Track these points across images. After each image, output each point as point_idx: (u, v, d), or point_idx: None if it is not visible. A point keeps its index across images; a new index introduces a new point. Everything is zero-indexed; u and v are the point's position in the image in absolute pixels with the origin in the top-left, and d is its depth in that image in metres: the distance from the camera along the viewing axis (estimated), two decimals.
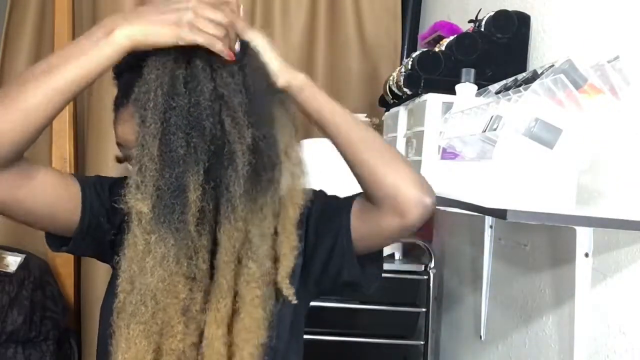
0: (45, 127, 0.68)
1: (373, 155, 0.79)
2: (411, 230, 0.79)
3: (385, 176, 0.77)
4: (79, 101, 1.91)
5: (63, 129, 1.81)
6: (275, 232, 0.78)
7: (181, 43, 0.68)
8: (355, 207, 0.82)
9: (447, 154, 1.01)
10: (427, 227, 1.83)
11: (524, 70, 1.20)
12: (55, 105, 0.67)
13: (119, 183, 0.78)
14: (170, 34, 0.68)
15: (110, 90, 0.79)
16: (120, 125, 0.81)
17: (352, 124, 0.80)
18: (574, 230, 0.89)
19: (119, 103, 0.82)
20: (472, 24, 1.32)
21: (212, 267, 0.74)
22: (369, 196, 0.80)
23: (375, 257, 0.86)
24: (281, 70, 0.77)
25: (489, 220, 1.27)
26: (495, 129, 0.77)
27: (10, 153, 0.67)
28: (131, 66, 0.74)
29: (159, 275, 0.69)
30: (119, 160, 0.84)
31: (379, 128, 1.71)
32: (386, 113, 1.57)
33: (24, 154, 0.70)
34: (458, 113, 1.00)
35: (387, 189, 0.77)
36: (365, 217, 0.81)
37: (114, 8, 1.87)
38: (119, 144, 0.82)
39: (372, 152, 0.79)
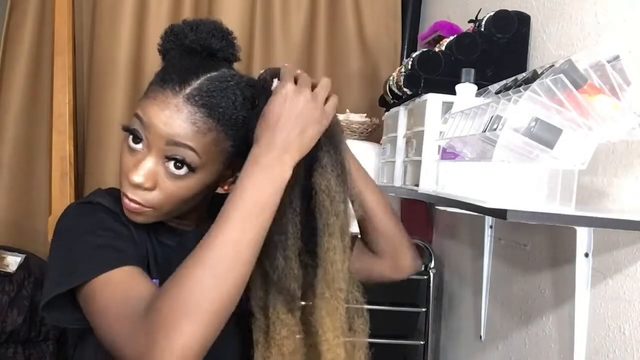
0: None
1: (388, 216, 0.93)
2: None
3: (394, 235, 0.93)
4: (79, 101, 1.91)
5: (63, 128, 1.81)
6: None
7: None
8: (357, 244, 0.96)
9: (447, 154, 1.01)
10: (427, 227, 1.84)
11: (524, 70, 1.20)
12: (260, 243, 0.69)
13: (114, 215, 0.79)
14: (315, 137, 0.74)
15: (109, 89, 0.78)
16: (153, 103, 0.74)
17: (373, 184, 0.94)
18: (574, 230, 0.89)
19: (167, 79, 0.75)
20: (472, 24, 1.32)
21: None
22: (371, 243, 0.95)
23: None
24: None
25: (489, 220, 1.27)
26: (495, 129, 0.77)
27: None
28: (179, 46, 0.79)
29: None
30: (126, 129, 0.77)
31: (379, 128, 1.71)
32: (386, 113, 1.57)
33: None
34: (458, 113, 1.00)
35: (393, 244, 0.94)
36: (362, 257, 0.95)
37: (113, 8, 1.87)
38: (138, 116, 0.76)
39: (388, 213, 0.93)
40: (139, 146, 0.75)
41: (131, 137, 0.76)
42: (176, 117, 0.72)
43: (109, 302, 0.68)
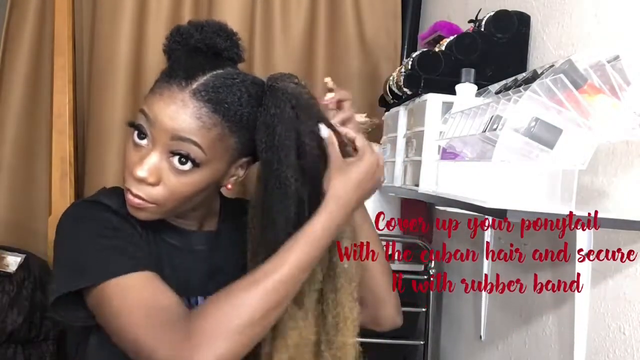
0: None
1: (381, 271, 0.93)
2: None
3: (380, 291, 0.94)
4: (79, 101, 1.91)
5: (63, 129, 1.81)
6: None
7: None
8: None
9: (447, 154, 1.01)
10: (427, 227, 1.83)
11: (524, 70, 1.20)
12: None
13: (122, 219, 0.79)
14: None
15: (109, 89, 0.78)
16: (159, 98, 0.75)
17: (379, 243, 0.95)
18: (574, 230, 0.89)
19: (173, 75, 0.76)
20: (472, 24, 1.32)
21: None
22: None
23: None
24: None
25: (489, 220, 1.27)
26: (495, 129, 0.77)
27: None
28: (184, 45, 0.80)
29: None
30: (131, 124, 0.78)
31: (379, 128, 1.71)
32: (386, 113, 1.57)
33: None
34: (458, 113, 1.00)
35: (377, 298, 0.94)
36: None
37: (114, 8, 1.87)
38: (143, 112, 0.76)
39: (381, 267, 0.93)
40: (144, 142, 0.76)
41: (136, 132, 0.77)
42: (182, 112, 0.73)
43: (134, 307, 0.70)
